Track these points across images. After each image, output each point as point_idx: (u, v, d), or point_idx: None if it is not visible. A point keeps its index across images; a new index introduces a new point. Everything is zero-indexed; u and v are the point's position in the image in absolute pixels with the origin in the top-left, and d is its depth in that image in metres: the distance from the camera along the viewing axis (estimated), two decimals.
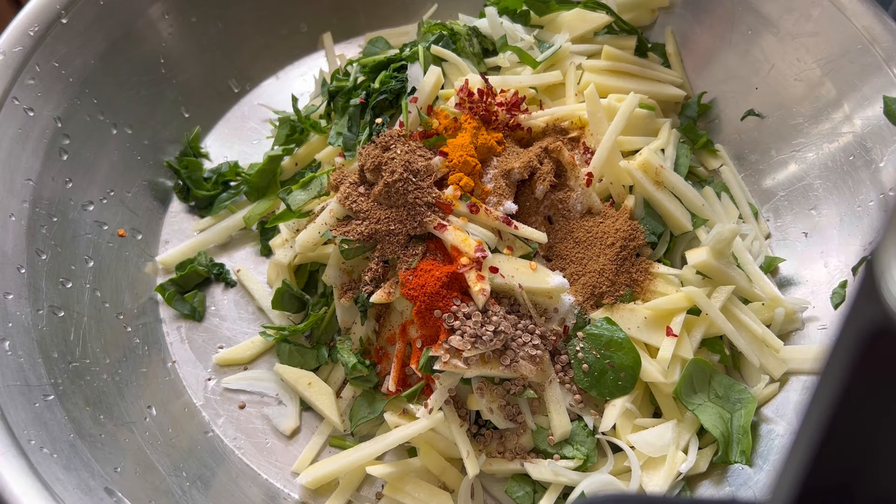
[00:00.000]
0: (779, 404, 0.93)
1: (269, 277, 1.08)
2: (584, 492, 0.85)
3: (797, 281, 1.02)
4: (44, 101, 0.98)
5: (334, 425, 0.96)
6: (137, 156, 1.11)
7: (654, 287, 0.94)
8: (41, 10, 0.99)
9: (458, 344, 0.84)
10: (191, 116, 1.18)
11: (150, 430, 0.93)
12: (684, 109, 1.15)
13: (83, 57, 1.03)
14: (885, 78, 0.96)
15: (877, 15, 0.99)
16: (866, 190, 0.97)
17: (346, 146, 1.05)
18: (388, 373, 0.93)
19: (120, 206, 1.07)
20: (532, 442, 0.90)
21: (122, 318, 1.01)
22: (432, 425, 0.88)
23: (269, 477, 0.95)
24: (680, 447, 0.88)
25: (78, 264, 0.98)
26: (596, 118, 1.00)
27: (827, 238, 1.01)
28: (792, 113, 1.06)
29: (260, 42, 1.24)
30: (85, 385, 0.91)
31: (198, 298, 1.06)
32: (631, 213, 0.98)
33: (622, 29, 1.15)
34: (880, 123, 0.96)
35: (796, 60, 1.05)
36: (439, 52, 1.06)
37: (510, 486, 0.90)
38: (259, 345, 1.03)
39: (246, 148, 1.20)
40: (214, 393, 1.01)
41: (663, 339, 0.90)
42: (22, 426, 0.80)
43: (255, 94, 1.25)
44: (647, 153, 0.99)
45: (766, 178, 1.10)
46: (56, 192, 0.98)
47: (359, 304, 0.94)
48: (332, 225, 0.94)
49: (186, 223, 1.13)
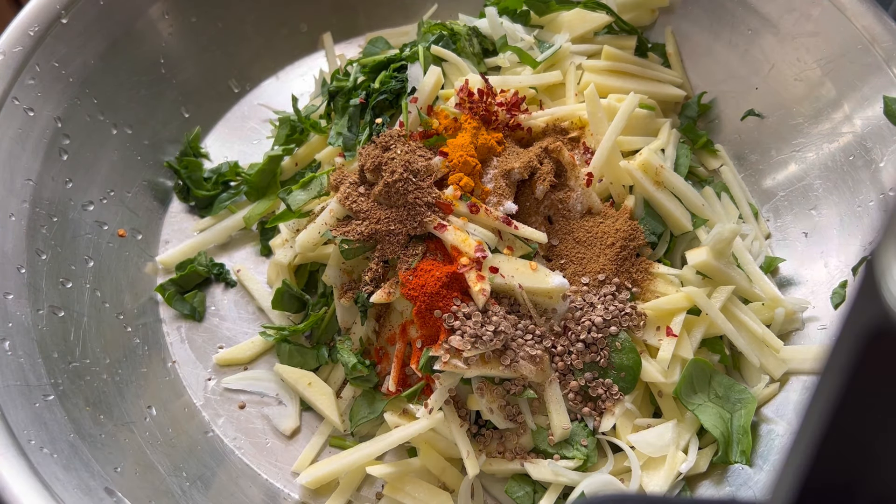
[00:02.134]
0: (779, 404, 0.93)
1: (269, 277, 1.08)
2: (584, 492, 0.85)
3: (797, 281, 1.02)
4: (44, 101, 0.98)
5: (334, 425, 0.96)
6: (137, 156, 1.11)
7: (654, 287, 0.94)
8: (41, 10, 0.99)
9: (458, 344, 0.84)
10: (191, 116, 1.18)
11: (150, 430, 0.93)
12: (684, 109, 1.15)
13: (83, 57, 1.03)
14: (885, 78, 0.96)
15: (877, 15, 0.99)
16: (866, 190, 0.97)
17: (346, 146, 1.05)
18: (388, 373, 0.93)
19: (120, 206, 1.07)
20: (532, 442, 0.90)
21: (122, 318, 1.01)
22: (432, 425, 0.88)
23: (269, 477, 0.95)
24: (680, 447, 0.88)
25: (78, 264, 0.98)
26: (596, 118, 1.00)
27: (827, 238, 1.01)
28: (792, 113, 1.06)
29: (260, 42, 1.24)
30: (85, 385, 0.91)
31: (198, 298, 1.06)
32: (631, 213, 0.98)
33: (622, 29, 1.15)
34: (880, 123, 0.96)
35: (796, 60, 1.05)
36: (439, 52, 1.06)
37: (510, 486, 0.90)
38: (259, 345, 1.03)
39: (246, 148, 1.20)
40: (214, 393, 1.01)
41: (663, 339, 0.90)
42: (22, 426, 0.80)
43: (255, 94, 1.25)
44: (647, 153, 0.99)
45: (766, 178, 1.10)
46: (56, 192, 0.98)
47: (359, 304, 0.94)
48: (332, 225, 0.94)
49: (186, 223, 1.13)
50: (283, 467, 0.96)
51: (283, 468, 0.96)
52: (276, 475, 0.95)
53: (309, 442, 0.97)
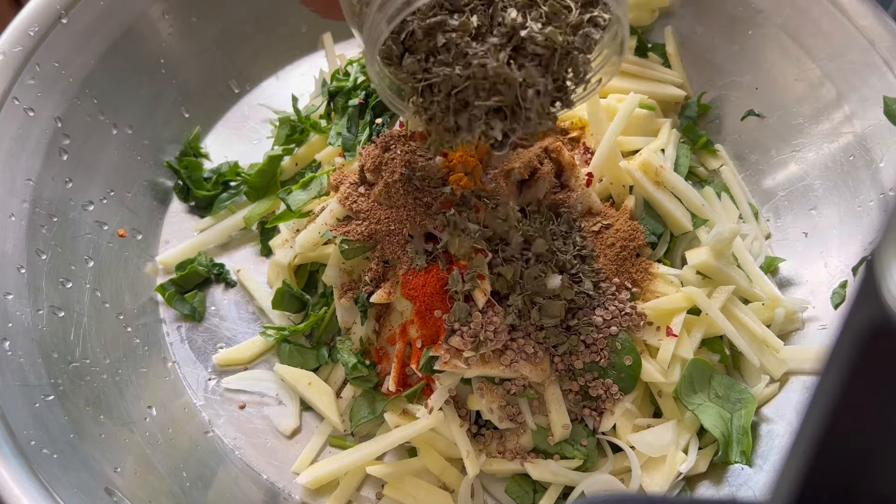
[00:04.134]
0: (779, 404, 0.93)
1: (269, 278, 1.08)
2: (584, 492, 0.85)
3: (797, 281, 1.02)
4: (44, 101, 0.98)
5: (334, 425, 0.96)
6: (137, 156, 1.11)
7: (654, 287, 0.94)
8: (41, 10, 0.99)
9: (458, 344, 0.84)
10: (191, 116, 1.18)
11: (150, 430, 0.93)
12: (684, 109, 1.15)
13: (83, 57, 1.03)
14: (885, 78, 0.96)
15: (877, 15, 0.99)
16: (866, 190, 0.97)
17: (345, 146, 1.05)
18: (388, 373, 0.94)
19: (120, 206, 1.07)
20: (532, 442, 0.90)
21: (122, 318, 1.01)
22: (432, 425, 0.88)
23: (270, 477, 0.95)
24: (680, 447, 0.88)
25: (78, 264, 0.98)
26: (596, 118, 1.00)
27: (827, 238, 1.01)
28: (792, 113, 1.06)
29: (260, 42, 1.24)
30: (85, 385, 0.91)
31: (198, 298, 1.06)
32: (631, 213, 0.98)
33: None
34: (880, 123, 0.96)
35: (796, 60, 1.05)
36: None
37: (510, 486, 0.90)
38: (259, 345, 1.03)
39: (246, 148, 1.20)
40: (214, 393, 1.01)
41: (663, 339, 0.90)
42: (22, 426, 0.80)
43: (255, 94, 1.24)
44: (647, 153, 0.99)
45: (766, 178, 1.10)
46: (56, 192, 0.98)
47: (359, 305, 0.94)
48: (332, 225, 0.94)
49: (186, 223, 1.13)
50: (283, 467, 0.96)
51: (283, 468, 0.96)
52: (277, 475, 0.95)
53: (309, 442, 0.97)
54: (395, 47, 0.72)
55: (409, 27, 0.70)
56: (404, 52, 0.72)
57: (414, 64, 0.71)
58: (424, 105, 0.73)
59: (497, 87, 0.70)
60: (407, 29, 0.70)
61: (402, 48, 0.72)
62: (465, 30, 0.68)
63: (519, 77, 0.69)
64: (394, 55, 0.72)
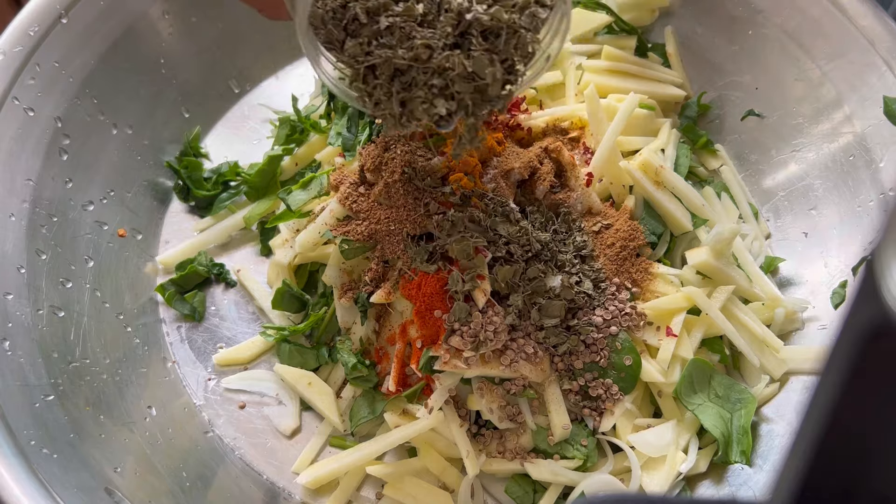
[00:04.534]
0: (779, 404, 0.93)
1: (269, 277, 1.08)
2: (584, 492, 0.85)
3: (797, 281, 1.02)
4: (44, 101, 0.98)
5: (334, 425, 0.96)
6: (137, 156, 1.11)
7: (654, 287, 0.94)
8: (41, 10, 0.99)
9: (458, 344, 0.84)
10: (191, 116, 1.18)
11: (150, 430, 0.93)
12: (684, 109, 1.15)
13: (83, 57, 1.03)
14: (885, 78, 0.96)
15: (877, 15, 0.99)
16: (866, 190, 0.97)
17: (345, 146, 1.05)
18: (388, 373, 0.94)
19: (120, 206, 1.07)
20: (532, 442, 0.90)
21: (122, 318, 1.01)
22: (432, 425, 0.88)
23: (270, 477, 0.95)
24: (680, 447, 0.88)
25: (78, 264, 0.98)
26: (596, 118, 1.00)
27: (827, 238, 1.01)
28: (792, 113, 1.06)
29: (260, 42, 1.24)
30: (85, 385, 0.91)
31: (198, 298, 1.06)
32: (631, 213, 0.98)
33: (622, 29, 1.15)
34: (880, 123, 0.96)
35: (796, 60, 1.05)
36: None
37: (510, 486, 0.90)
38: (259, 345, 1.03)
39: (246, 148, 1.20)
40: (214, 393, 1.01)
41: (663, 339, 0.90)
42: (22, 426, 0.80)
43: (255, 94, 1.24)
44: (647, 153, 0.99)
45: (766, 178, 1.10)
46: (56, 192, 0.98)
47: (359, 305, 0.94)
48: (332, 225, 0.94)
49: (186, 223, 1.13)
50: (283, 467, 0.96)
51: (283, 468, 0.96)
52: (277, 475, 0.95)
53: (309, 442, 0.97)
54: (336, 32, 0.70)
55: (351, 11, 0.68)
56: (346, 38, 0.71)
57: (356, 47, 0.69)
58: (367, 90, 0.72)
59: (443, 73, 0.69)
60: (349, 13, 0.69)
61: (345, 33, 0.71)
62: (409, 15, 0.67)
63: (469, 66, 0.68)
64: (335, 39, 0.71)
